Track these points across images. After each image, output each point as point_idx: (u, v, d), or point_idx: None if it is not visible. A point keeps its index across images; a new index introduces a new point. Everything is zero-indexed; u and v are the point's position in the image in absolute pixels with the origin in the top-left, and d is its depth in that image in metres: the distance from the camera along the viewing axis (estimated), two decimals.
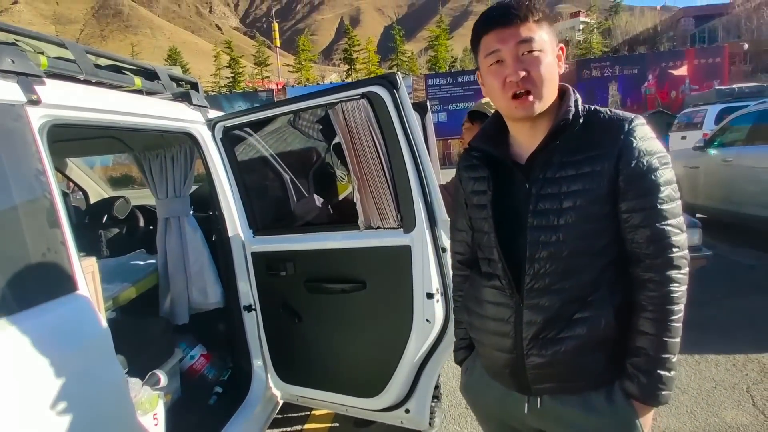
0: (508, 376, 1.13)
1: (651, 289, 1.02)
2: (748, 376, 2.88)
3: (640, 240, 1.02)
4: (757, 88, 10.40)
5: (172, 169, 2.36)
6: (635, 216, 1.01)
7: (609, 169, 1.00)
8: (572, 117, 1.04)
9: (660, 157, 1.01)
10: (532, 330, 1.07)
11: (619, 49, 40.06)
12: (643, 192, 1.00)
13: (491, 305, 1.14)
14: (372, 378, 2.02)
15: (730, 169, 5.75)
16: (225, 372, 2.51)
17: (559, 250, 1.03)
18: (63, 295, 1.25)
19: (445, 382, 3.06)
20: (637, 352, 1.03)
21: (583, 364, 1.05)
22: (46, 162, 1.30)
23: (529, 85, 1.01)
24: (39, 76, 1.39)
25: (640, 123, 1.03)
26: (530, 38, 1.00)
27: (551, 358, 1.05)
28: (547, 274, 1.05)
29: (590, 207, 1.02)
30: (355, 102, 1.77)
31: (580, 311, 1.04)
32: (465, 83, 24.84)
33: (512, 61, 1.02)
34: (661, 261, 1.01)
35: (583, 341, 1.03)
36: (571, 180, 1.02)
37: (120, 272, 2.42)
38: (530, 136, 1.09)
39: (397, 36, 40.46)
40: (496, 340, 1.13)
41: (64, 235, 1.28)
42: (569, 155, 1.03)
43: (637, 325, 1.03)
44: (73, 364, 1.20)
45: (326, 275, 2.05)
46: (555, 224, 1.03)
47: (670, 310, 1.01)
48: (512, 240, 1.09)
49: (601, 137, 1.02)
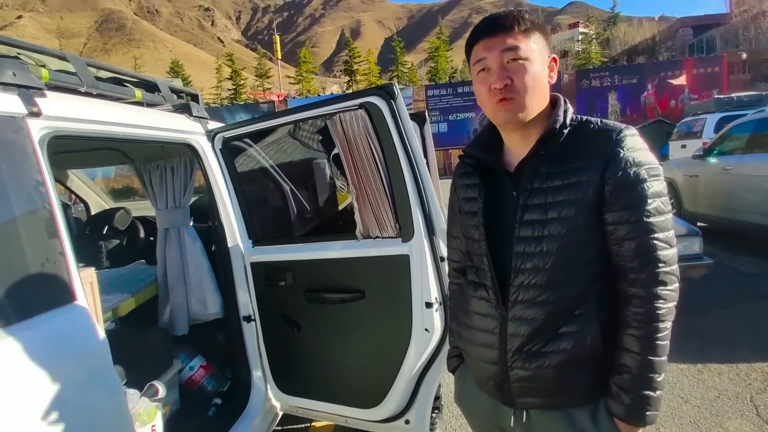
0: (494, 388, 1.12)
1: (636, 305, 0.99)
2: (751, 385, 2.85)
3: (625, 253, 0.99)
4: (756, 97, 10.44)
5: (172, 179, 2.37)
6: (621, 228, 0.99)
7: (595, 179, 0.99)
8: (559, 126, 1.03)
9: (649, 168, 0.99)
10: (516, 342, 1.05)
11: (618, 59, 40.32)
12: (630, 203, 0.98)
13: (478, 316, 1.13)
14: (371, 388, 2.01)
15: (729, 177, 5.76)
16: (224, 383, 2.50)
17: (543, 261, 1.02)
18: (61, 305, 1.25)
19: (446, 392, 3.04)
20: (621, 370, 1.01)
21: (568, 380, 1.03)
22: (46, 173, 1.31)
23: (513, 93, 1.02)
24: (40, 88, 1.40)
25: (629, 133, 1.01)
26: (515, 47, 1.01)
27: (535, 371, 1.04)
28: (531, 285, 1.03)
29: (576, 218, 1.00)
30: (353, 112, 1.78)
31: (565, 325, 1.02)
32: (465, 94, 24.97)
33: (497, 68, 1.03)
34: (646, 276, 0.98)
35: (569, 356, 1.01)
36: (557, 190, 1.01)
37: (119, 283, 2.42)
38: (521, 144, 1.09)
39: (397, 48, 40.77)
40: (483, 351, 1.12)
41: (63, 246, 1.29)
42: (556, 165, 1.03)
43: (622, 341, 1.01)
44: (71, 374, 1.19)
45: (325, 285, 2.05)
46: (540, 235, 1.02)
47: (655, 327, 0.98)
48: (500, 250, 1.08)
49: (588, 147, 1.01)
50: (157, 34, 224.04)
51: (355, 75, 39.39)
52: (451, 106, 25.06)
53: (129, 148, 2.56)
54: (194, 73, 58.16)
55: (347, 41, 44.41)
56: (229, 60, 42.55)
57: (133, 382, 1.74)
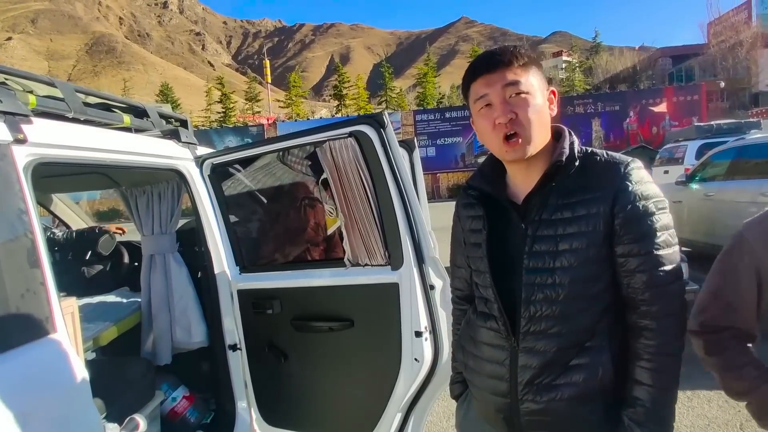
0: (503, 422, 1.10)
1: (648, 338, 1.00)
2: (740, 412, 2.84)
3: (636, 285, 1.00)
4: (735, 124, 10.76)
5: (159, 205, 2.34)
6: (631, 261, 1.00)
7: (605, 212, 1.00)
8: (567, 159, 1.04)
9: (656, 201, 1.01)
10: (527, 374, 1.04)
11: (601, 86, 41.36)
12: (639, 236, 0.99)
13: (487, 347, 1.13)
14: (360, 419, 1.97)
15: (712, 203, 5.86)
16: (208, 414, 2.42)
17: (555, 293, 1.02)
18: (40, 337, 1.21)
19: (436, 422, 2.99)
20: (633, 403, 1.00)
21: (579, 414, 1.02)
22: (30, 201, 1.29)
23: (518, 127, 1.03)
24: (26, 115, 1.39)
25: (636, 166, 1.03)
26: (516, 81, 1.03)
27: (547, 405, 1.03)
28: (543, 317, 1.03)
29: (587, 250, 1.01)
30: (343, 140, 1.79)
31: (577, 357, 1.02)
32: (452, 119, 25.29)
33: (500, 103, 1.03)
34: (657, 309, 0.99)
35: (580, 389, 1.01)
36: (567, 222, 1.02)
37: (101, 311, 2.36)
38: (526, 176, 1.10)
39: (386, 73, 41.36)
40: (492, 383, 1.11)
41: (44, 276, 1.26)
42: (565, 197, 1.03)
43: (634, 374, 1.01)
44: (48, 409, 1.16)
45: (313, 313, 2.02)
46: (551, 266, 1.02)
47: (667, 359, 0.99)
48: (508, 281, 1.08)
49: (597, 180, 1.03)
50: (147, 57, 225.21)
51: (345, 99, 39.76)
52: (439, 130, 25.33)
53: (116, 173, 2.53)
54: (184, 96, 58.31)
55: (337, 66, 45.00)
56: (219, 83, 42.76)
57: (113, 414, 1.68)
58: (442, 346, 1.83)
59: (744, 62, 31.04)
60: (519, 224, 1.08)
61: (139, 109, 2.15)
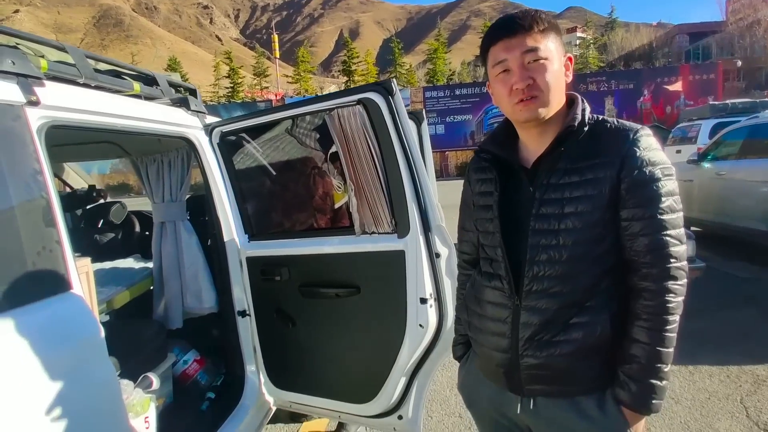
0: (503, 376, 1.15)
1: (647, 299, 1.02)
2: (741, 387, 2.88)
3: (638, 248, 1.03)
4: (750, 103, 10.51)
5: (169, 173, 2.37)
6: (635, 224, 1.02)
7: (611, 176, 1.02)
8: (578, 124, 1.06)
9: (663, 168, 1.03)
10: (528, 331, 1.08)
11: (615, 64, 40.46)
12: (644, 201, 1.01)
13: (491, 305, 1.17)
14: (365, 383, 2.02)
15: (723, 182, 5.81)
16: (218, 378, 2.50)
17: (558, 254, 1.05)
18: (57, 293, 1.26)
19: (439, 390, 3.05)
20: (629, 360, 1.04)
21: (577, 369, 1.06)
22: (44, 162, 1.31)
23: (536, 91, 1.05)
24: (39, 77, 1.40)
25: (645, 133, 1.05)
26: (535, 47, 1.04)
27: (545, 360, 1.07)
28: (545, 277, 1.07)
29: (591, 213, 1.03)
30: (351, 108, 1.79)
31: (576, 316, 1.05)
32: (462, 96, 24.97)
33: (518, 69, 1.05)
34: (657, 271, 1.02)
35: (578, 346, 1.04)
36: (574, 186, 1.04)
37: (114, 276, 2.42)
38: (538, 141, 1.12)
39: (395, 49, 40.77)
40: (494, 339, 1.15)
41: (59, 235, 1.29)
42: (574, 162, 1.06)
43: (632, 333, 1.04)
44: (66, 362, 1.20)
45: (321, 280, 2.06)
46: (556, 228, 1.05)
47: (665, 320, 1.01)
48: (514, 242, 1.11)
49: (605, 146, 1.05)
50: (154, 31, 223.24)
51: (353, 75, 39.34)
52: (449, 108, 25.03)
53: (126, 141, 2.55)
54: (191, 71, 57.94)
55: (346, 41, 44.35)
56: (227, 58, 42.41)
57: (126, 373, 1.74)
58: (447, 313, 1.87)
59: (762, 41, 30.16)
60: (528, 187, 1.10)
61: (149, 77, 2.16)
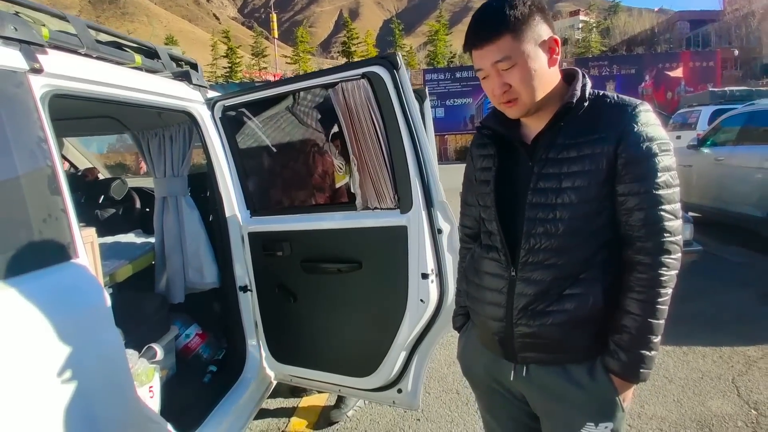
0: (497, 344, 1.17)
1: (640, 271, 1.04)
2: (733, 367, 2.93)
3: (633, 223, 1.04)
4: (747, 92, 10.57)
5: (171, 148, 2.37)
6: (631, 199, 1.03)
7: (609, 151, 1.03)
8: (577, 101, 1.06)
9: (660, 143, 1.03)
10: (522, 301, 1.11)
11: (618, 49, 40.15)
12: (641, 176, 1.02)
13: (488, 276, 1.19)
14: (365, 357, 2.05)
15: (721, 168, 5.83)
16: (219, 351, 2.53)
17: (555, 227, 1.06)
18: (63, 261, 1.26)
19: (437, 368, 3.10)
20: (620, 330, 1.06)
21: (568, 338, 1.09)
22: (48, 130, 1.30)
23: (514, 95, 1.05)
24: (42, 45, 1.39)
25: (644, 109, 1.04)
26: (505, 56, 1.02)
27: (538, 329, 1.09)
28: (541, 249, 1.08)
29: (588, 188, 1.04)
30: (356, 82, 1.78)
31: (570, 287, 1.07)
32: (463, 79, 24.73)
33: (494, 76, 1.06)
34: (652, 245, 1.03)
35: (570, 316, 1.06)
36: (572, 161, 1.05)
37: (116, 250, 2.43)
38: (537, 118, 1.12)
39: (396, 30, 40.34)
40: (490, 309, 1.17)
41: (65, 203, 1.29)
42: (572, 137, 1.06)
43: (624, 304, 1.06)
44: (73, 328, 1.21)
45: (322, 255, 2.07)
46: (553, 203, 1.06)
47: (657, 292, 1.03)
48: (513, 216, 1.12)
49: (604, 121, 1.05)
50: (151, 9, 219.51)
51: (353, 56, 38.92)
52: (449, 91, 24.83)
53: (127, 115, 2.54)
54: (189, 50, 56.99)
55: (345, 22, 43.79)
56: (225, 37, 41.87)
57: (131, 344, 1.76)
58: (448, 289, 1.88)
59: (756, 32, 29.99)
60: (527, 162, 1.11)
61: (151, 50, 2.14)
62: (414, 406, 2.09)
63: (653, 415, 2.50)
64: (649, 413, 2.52)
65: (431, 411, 2.63)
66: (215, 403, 2.05)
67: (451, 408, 2.66)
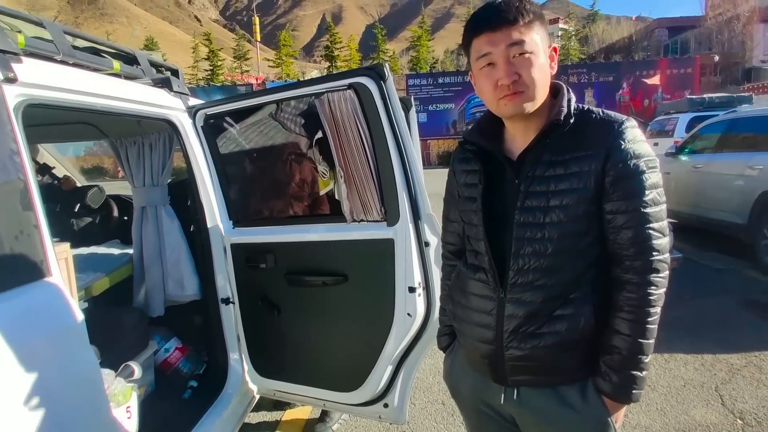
0: (487, 366, 1.15)
1: (629, 291, 1.03)
2: (716, 375, 2.97)
3: (621, 241, 1.03)
4: (727, 98, 10.75)
5: (150, 156, 2.30)
6: (619, 217, 1.02)
7: (596, 169, 1.01)
8: (564, 117, 1.04)
9: (647, 160, 1.02)
10: (513, 323, 1.08)
11: (596, 56, 40.87)
12: (628, 194, 1.01)
13: (476, 297, 1.16)
14: (351, 372, 2.01)
15: (699, 175, 5.94)
16: (200, 366, 2.46)
17: (543, 247, 1.04)
18: (35, 280, 1.20)
19: (422, 378, 3.07)
20: (611, 351, 1.05)
21: (560, 360, 1.07)
22: (21, 143, 1.25)
23: (521, 87, 1.02)
24: (16, 53, 1.33)
25: (630, 125, 1.04)
26: (521, 41, 1.00)
27: (530, 351, 1.07)
28: (530, 269, 1.06)
29: (576, 206, 1.03)
30: (342, 93, 1.76)
31: (561, 308, 1.05)
32: (445, 84, 24.90)
33: (504, 64, 1.02)
34: (640, 263, 1.02)
35: (562, 338, 1.05)
36: (559, 179, 1.04)
37: (93, 262, 2.35)
38: (523, 133, 1.10)
39: (378, 35, 40.40)
40: (479, 331, 1.15)
41: (37, 219, 1.24)
42: (559, 154, 1.04)
43: (614, 324, 1.05)
44: (44, 351, 1.15)
45: (307, 268, 2.03)
46: (541, 221, 1.05)
47: (646, 312, 1.02)
48: (499, 235, 1.10)
49: (591, 138, 1.03)
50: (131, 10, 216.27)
51: (336, 61, 38.82)
52: (432, 96, 24.93)
53: (105, 122, 2.46)
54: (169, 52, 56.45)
55: (328, 26, 43.74)
56: (206, 39, 41.38)
57: (108, 361, 1.70)
58: (435, 302, 1.86)
59: (739, 36, 30.75)
60: (513, 180, 1.09)
61: (130, 56, 2.08)
62: (401, 420, 2.06)
63: (637, 424, 2.51)
64: (632, 422, 2.53)
65: (417, 422, 2.61)
66: (196, 420, 1.99)
67: (437, 419, 2.64)
